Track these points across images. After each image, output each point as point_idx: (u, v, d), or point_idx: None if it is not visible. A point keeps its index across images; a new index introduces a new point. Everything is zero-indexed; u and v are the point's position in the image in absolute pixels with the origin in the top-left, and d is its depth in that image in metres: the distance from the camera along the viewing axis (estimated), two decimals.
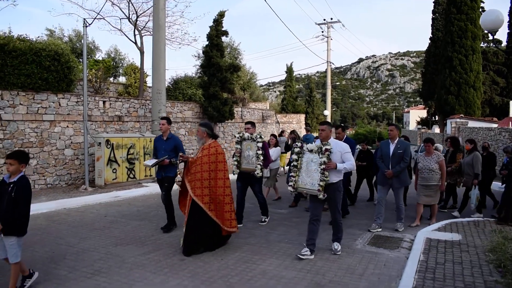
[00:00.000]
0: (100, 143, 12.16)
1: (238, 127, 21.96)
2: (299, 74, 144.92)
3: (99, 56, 23.82)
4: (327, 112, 33.23)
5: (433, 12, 35.93)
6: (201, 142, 6.30)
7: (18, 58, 11.11)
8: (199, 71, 22.85)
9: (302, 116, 33.06)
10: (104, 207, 9.69)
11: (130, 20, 17.76)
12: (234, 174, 7.74)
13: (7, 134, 11.04)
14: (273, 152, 9.79)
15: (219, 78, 18.31)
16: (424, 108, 46.14)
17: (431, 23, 35.31)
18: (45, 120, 11.95)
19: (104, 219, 8.34)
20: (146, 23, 18.25)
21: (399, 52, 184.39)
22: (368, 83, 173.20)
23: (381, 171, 7.67)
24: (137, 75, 18.80)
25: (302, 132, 30.42)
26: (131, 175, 12.88)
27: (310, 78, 53.40)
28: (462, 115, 26.63)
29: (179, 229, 7.06)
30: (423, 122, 44.18)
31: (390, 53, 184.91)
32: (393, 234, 7.25)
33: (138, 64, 19.47)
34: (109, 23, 27.33)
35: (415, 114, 59.44)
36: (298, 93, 43.63)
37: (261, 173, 7.46)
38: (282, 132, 14.20)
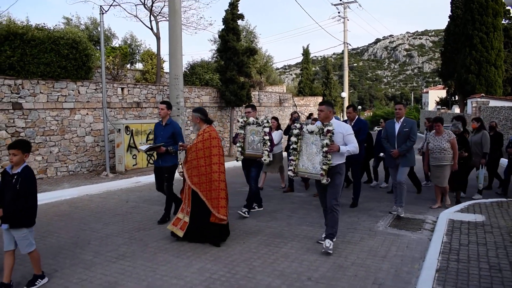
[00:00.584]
0: (119, 129, 12.29)
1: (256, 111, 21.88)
2: (316, 56, 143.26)
3: (115, 43, 23.94)
4: (345, 94, 32.90)
5: None
6: (195, 128, 6.14)
7: (37, 47, 11.23)
8: (215, 55, 22.77)
9: (319, 99, 32.81)
10: (126, 192, 9.83)
11: (146, 6, 17.73)
12: (238, 160, 7.34)
13: (29, 123, 11.22)
14: (275, 135, 9.23)
15: (235, 62, 18.23)
16: (444, 88, 45.34)
17: (450, 0, 34.45)
18: (65, 108, 12.10)
19: (126, 205, 8.47)
20: (162, 9, 18.21)
21: (417, 31, 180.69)
22: (386, 64, 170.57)
23: (387, 151, 7.39)
24: (154, 61, 18.84)
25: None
26: (151, 161, 13.00)
27: (326, 60, 52.92)
28: (483, 95, 26.05)
29: None
30: (442, 103, 43.42)
31: (408, 32, 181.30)
32: (414, 216, 7.20)
33: (154, 50, 19.49)
34: (124, 9, 27.31)
35: (434, 95, 58.42)
36: (314, 75, 43.30)
37: (268, 160, 7.06)
38: (311, 115, 13.70)
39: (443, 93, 48.05)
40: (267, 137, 7.01)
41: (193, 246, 5.61)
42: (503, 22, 30.93)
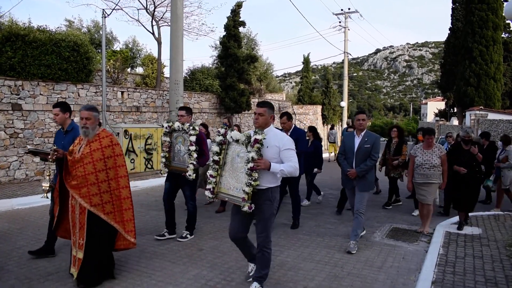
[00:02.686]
0: (118, 133, 12.29)
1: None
2: (316, 65, 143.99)
3: (117, 46, 23.97)
4: (344, 104, 32.95)
5: (453, 1, 35.18)
6: (87, 132, 4.50)
7: (38, 48, 11.27)
8: (216, 61, 22.87)
9: (319, 107, 32.86)
10: None
11: (148, 10, 17.81)
12: (162, 174, 6.31)
13: (28, 124, 11.22)
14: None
15: (236, 69, 18.29)
16: (443, 100, 45.45)
17: (451, 13, 34.56)
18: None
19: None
20: (164, 14, 18.30)
21: (417, 42, 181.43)
22: (385, 74, 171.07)
23: (343, 170, 6.13)
24: (155, 66, 18.88)
25: (319, 124, 30.31)
26: (149, 165, 13.00)
27: (326, 69, 53.05)
28: (482, 107, 26.11)
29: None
30: (441, 114, 43.49)
31: (408, 43, 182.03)
32: (411, 227, 7.19)
33: (155, 54, 19.54)
34: (127, 13, 27.43)
35: (433, 106, 58.57)
36: (314, 84, 43.37)
37: (193, 175, 5.90)
38: (333, 126, 12.73)
39: (442, 105, 48.18)
40: (193, 147, 5.87)
41: (189, 253, 5.60)
42: (503, 35, 31.11)
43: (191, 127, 5.79)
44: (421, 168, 6.76)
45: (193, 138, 5.20)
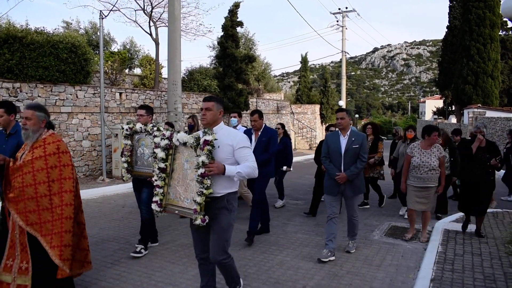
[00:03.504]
0: (117, 134, 12.29)
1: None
2: (314, 64, 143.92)
3: (114, 48, 23.98)
4: (342, 103, 32.96)
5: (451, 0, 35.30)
6: (30, 136, 3.83)
7: (36, 50, 11.25)
8: (214, 62, 22.85)
9: (317, 107, 32.87)
10: (122, 197, 9.82)
11: (145, 11, 17.80)
12: (124, 180, 5.68)
13: None
14: None
15: (234, 69, 18.30)
16: (441, 98, 45.52)
17: (448, 11, 34.59)
18: (63, 112, 12.11)
19: (122, 210, 8.45)
20: (161, 14, 18.28)
21: (415, 41, 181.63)
22: (383, 73, 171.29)
23: (329, 174, 5.53)
24: (153, 67, 18.88)
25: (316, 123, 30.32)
26: None
27: (324, 68, 52.92)
28: (480, 105, 26.16)
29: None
30: (439, 112, 43.56)
31: (405, 42, 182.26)
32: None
33: (153, 55, 19.53)
34: (124, 14, 27.39)
35: (431, 104, 58.64)
36: (312, 83, 43.34)
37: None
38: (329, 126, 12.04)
39: (440, 103, 48.25)
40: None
41: (188, 253, 5.61)
42: (500, 33, 31.18)
43: (155, 128, 4.84)
44: (418, 170, 6.08)
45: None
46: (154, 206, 3.76)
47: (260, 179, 5.61)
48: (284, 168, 8.77)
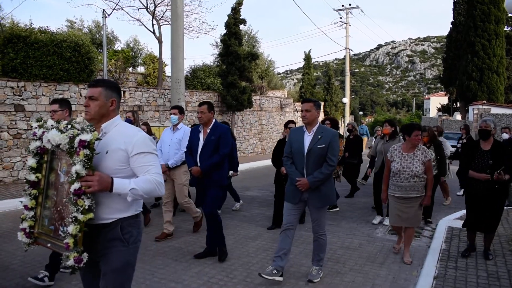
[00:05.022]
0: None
1: (256, 116, 21.96)
2: (317, 61, 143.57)
3: (118, 46, 24.01)
4: (346, 100, 32.92)
5: None
6: None
7: (40, 49, 11.30)
8: (217, 59, 22.88)
9: (321, 104, 32.89)
10: None
11: (148, 10, 17.84)
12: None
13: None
14: None
15: (237, 67, 18.30)
16: (445, 95, 45.34)
17: (452, 7, 34.50)
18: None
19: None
20: (164, 13, 18.33)
21: (419, 37, 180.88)
22: (388, 70, 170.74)
23: (290, 180, 4.57)
24: (156, 65, 18.92)
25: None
26: None
27: (328, 65, 52.84)
28: (485, 102, 26.05)
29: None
30: (444, 109, 43.39)
31: (410, 38, 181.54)
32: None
33: (156, 53, 19.59)
34: (127, 13, 27.55)
35: (436, 101, 58.40)
36: (316, 80, 43.32)
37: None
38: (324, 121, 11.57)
39: (444, 100, 48.06)
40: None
41: (192, 250, 5.63)
42: (505, 29, 30.99)
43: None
44: (398, 177, 5.15)
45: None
46: (20, 236, 2.68)
47: (210, 187, 5.12)
48: (230, 172, 7.86)
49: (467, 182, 5.25)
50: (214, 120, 5.35)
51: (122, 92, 13.68)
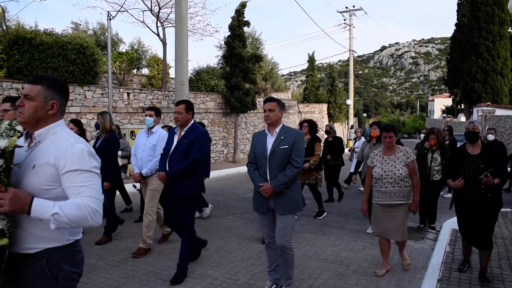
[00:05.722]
0: (124, 134, 12.36)
1: (260, 118, 21.98)
2: (321, 63, 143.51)
3: (122, 48, 24.14)
4: (350, 101, 32.88)
5: None
6: None
7: (45, 51, 11.37)
8: (221, 61, 22.89)
9: (325, 106, 32.79)
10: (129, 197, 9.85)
11: (153, 12, 17.90)
12: None
13: None
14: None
15: (241, 69, 18.31)
16: (450, 96, 45.17)
17: (456, 8, 34.37)
18: (71, 112, 12.21)
19: (129, 209, 8.50)
20: (169, 15, 18.37)
21: (423, 39, 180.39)
22: (391, 71, 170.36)
23: (256, 186, 4.14)
24: (160, 67, 18.98)
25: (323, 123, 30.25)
26: None
27: (332, 67, 52.87)
28: (489, 103, 25.95)
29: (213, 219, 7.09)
30: (448, 111, 43.24)
31: (414, 40, 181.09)
32: (417, 225, 7.18)
33: (161, 55, 19.63)
34: (132, 15, 27.49)
35: (440, 103, 58.22)
36: (320, 82, 43.29)
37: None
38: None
39: (449, 102, 47.91)
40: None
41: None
42: (509, 30, 30.89)
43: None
44: (381, 183, 4.72)
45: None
46: None
47: (179, 201, 4.63)
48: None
49: (456, 192, 4.68)
50: (192, 121, 4.81)
51: (128, 94, 13.72)
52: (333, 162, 9.14)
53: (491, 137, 9.77)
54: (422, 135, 10.05)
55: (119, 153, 7.33)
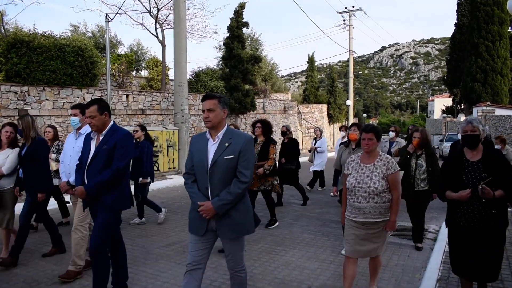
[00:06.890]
0: None
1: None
2: (321, 64, 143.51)
3: (121, 50, 24.17)
4: (350, 102, 32.89)
5: None
6: None
7: (43, 54, 11.38)
8: (220, 63, 22.93)
9: (324, 107, 32.82)
10: None
11: (151, 13, 17.94)
12: None
13: None
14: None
15: (240, 70, 18.33)
16: (449, 97, 45.19)
17: (456, 8, 34.44)
18: (70, 115, 12.19)
19: (128, 211, 8.45)
20: (167, 17, 18.41)
21: (423, 39, 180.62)
22: (391, 72, 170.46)
23: (193, 205, 3.34)
24: (159, 69, 18.99)
25: (323, 124, 30.26)
26: (155, 168, 13.04)
27: (332, 67, 53.04)
28: (489, 103, 25.97)
29: None
30: (448, 111, 43.25)
31: (413, 40, 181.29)
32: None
33: (160, 57, 19.64)
34: (130, 17, 27.71)
35: (440, 103, 58.22)
36: (320, 83, 43.27)
37: None
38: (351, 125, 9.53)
39: (449, 102, 47.91)
40: None
41: None
42: (509, 30, 30.91)
43: None
44: (354, 196, 3.85)
45: None
46: None
47: (100, 213, 3.90)
48: (140, 180, 7.15)
49: (451, 209, 3.68)
50: (112, 123, 4.10)
51: (127, 96, 13.71)
52: (288, 165, 8.61)
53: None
54: (392, 133, 8.95)
55: (53, 156, 6.43)
